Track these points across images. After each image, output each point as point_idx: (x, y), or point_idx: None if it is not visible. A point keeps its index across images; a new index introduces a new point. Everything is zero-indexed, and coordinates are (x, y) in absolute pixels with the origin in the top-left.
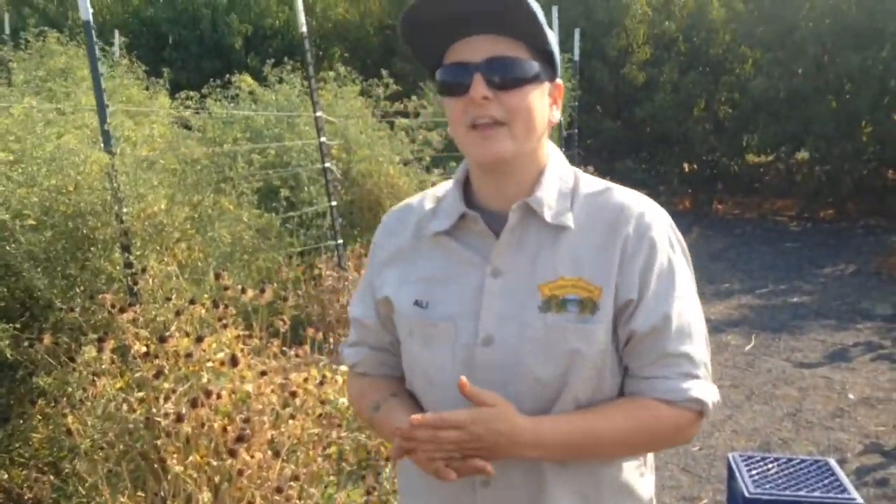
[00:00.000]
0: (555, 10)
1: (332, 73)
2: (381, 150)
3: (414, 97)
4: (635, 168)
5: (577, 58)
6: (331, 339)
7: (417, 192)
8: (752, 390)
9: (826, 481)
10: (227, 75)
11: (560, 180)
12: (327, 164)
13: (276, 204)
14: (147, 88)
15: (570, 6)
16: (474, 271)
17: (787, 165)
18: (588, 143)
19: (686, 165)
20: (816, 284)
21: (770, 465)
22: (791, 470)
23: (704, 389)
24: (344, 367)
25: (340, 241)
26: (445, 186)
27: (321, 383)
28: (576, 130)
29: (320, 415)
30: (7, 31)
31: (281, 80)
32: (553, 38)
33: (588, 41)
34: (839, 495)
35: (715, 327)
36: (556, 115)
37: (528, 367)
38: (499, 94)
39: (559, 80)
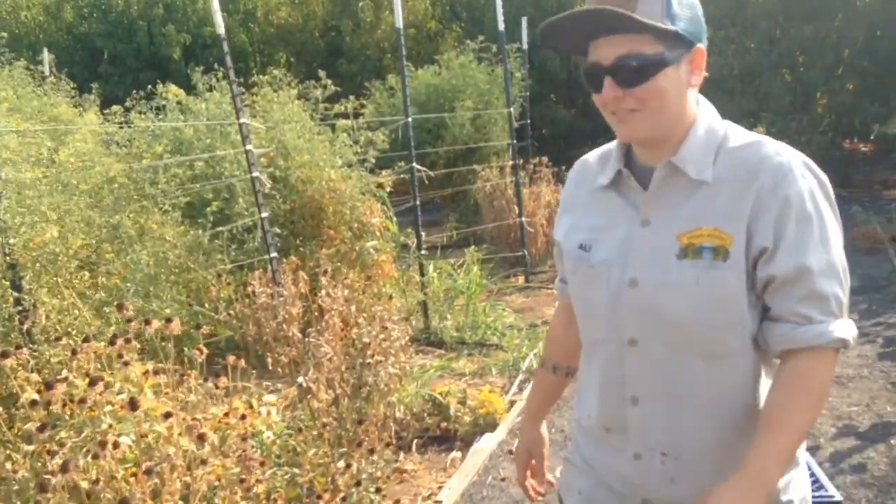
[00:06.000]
0: (499, 3)
1: (265, 77)
2: (321, 154)
3: (352, 97)
4: None
5: (525, 46)
6: (268, 360)
7: (361, 195)
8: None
9: None
10: (150, 86)
11: (706, 135)
12: (255, 174)
13: (203, 220)
14: (77, 106)
15: None
16: (629, 220)
17: None
18: (543, 132)
19: None
20: None
21: None
22: None
23: (844, 327)
24: (270, 398)
25: (274, 255)
26: (613, 144)
27: (243, 417)
28: (528, 121)
29: (243, 453)
30: None
31: (211, 88)
32: (683, 9)
33: (537, 30)
34: (816, 493)
35: None
36: (697, 79)
37: (665, 308)
38: (628, 90)
39: (700, 45)
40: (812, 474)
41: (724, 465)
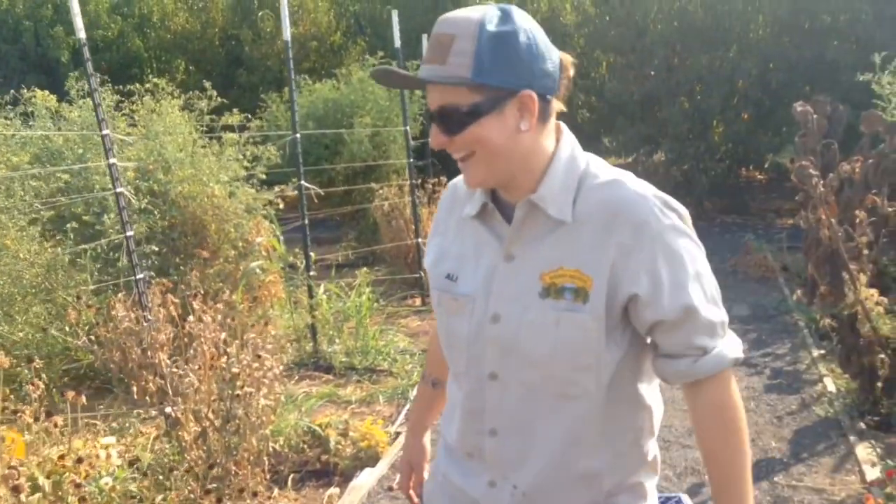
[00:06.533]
0: (395, 15)
1: (145, 86)
2: (205, 168)
3: (235, 110)
4: None
5: None
6: (133, 391)
7: (246, 213)
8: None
9: None
10: (11, 91)
11: (565, 173)
12: (120, 189)
13: (63, 236)
14: None
15: (417, 13)
16: (493, 253)
17: (646, 167)
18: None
19: None
20: None
21: None
22: None
23: (733, 345)
24: (109, 440)
25: (141, 276)
26: None
27: (79, 460)
28: (429, 140)
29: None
30: None
31: (88, 94)
32: (498, 61)
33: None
34: None
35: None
36: (525, 124)
37: (524, 345)
38: (450, 138)
39: (528, 91)
40: None
41: None
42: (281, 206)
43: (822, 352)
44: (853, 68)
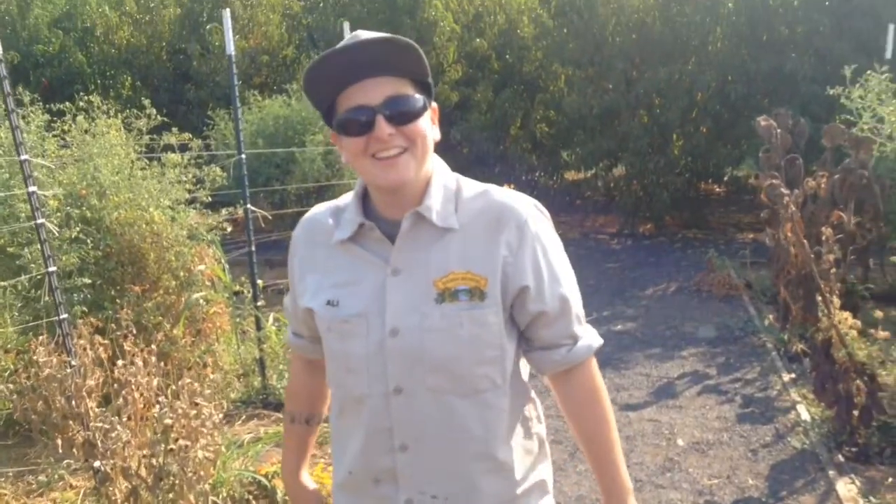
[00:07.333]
0: (346, 28)
1: (73, 105)
2: (143, 192)
3: (175, 129)
4: None
5: None
6: (59, 443)
7: (185, 240)
8: (575, 446)
9: None
10: None
11: (444, 187)
12: (41, 220)
13: None
14: None
15: (374, 25)
16: (377, 272)
17: (606, 181)
18: None
19: (506, 186)
20: (639, 308)
21: None
22: None
23: (592, 334)
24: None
25: (65, 316)
26: (345, 199)
27: None
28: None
29: None
30: None
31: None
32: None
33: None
34: None
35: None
36: (437, 133)
37: (430, 352)
38: (399, 129)
39: (434, 104)
40: None
41: (495, 501)
42: (229, 229)
43: (793, 376)
44: (812, 80)
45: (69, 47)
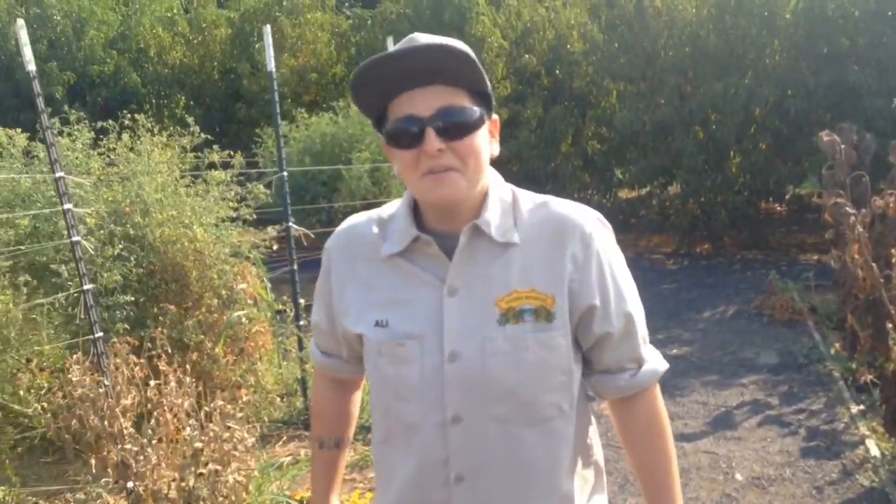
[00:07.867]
0: (390, 43)
1: (116, 122)
2: (187, 210)
3: (216, 147)
4: None
5: None
6: (92, 463)
7: (228, 258)
8: (627, 477)
9: None
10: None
11: (501, 200)
12: (76, 238)
13: (13, 291)
14: None
15: None
16: (431, 291)
17: (661, 200)
18: None
19: None
20: (696, 332)
21: None
22: None
23: (657, 357)
24: None
25: (100, 335)
26: (390, 210)
27: None
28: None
29: None
30: None
31: (62, 133)
32: (486, 82)
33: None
34: None
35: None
36: (496, 148)
37: (493, 378)
38: (450, 144)
39: (495, 116)
40: None
41: None
42: (274, 247)
43: (862, 407)
44: (876, 94)
45: (124, 67)
